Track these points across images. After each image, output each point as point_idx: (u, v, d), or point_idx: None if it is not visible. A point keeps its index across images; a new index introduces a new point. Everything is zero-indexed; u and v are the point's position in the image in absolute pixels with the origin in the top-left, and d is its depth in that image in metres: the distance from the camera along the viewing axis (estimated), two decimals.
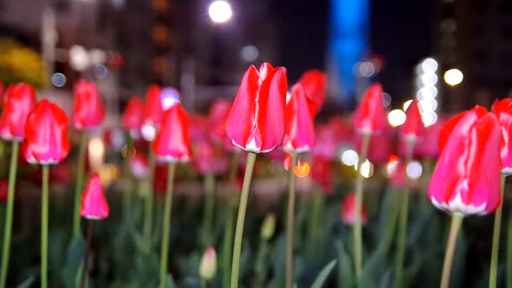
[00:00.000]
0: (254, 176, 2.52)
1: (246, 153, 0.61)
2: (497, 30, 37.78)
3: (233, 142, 0.60)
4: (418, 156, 2.08)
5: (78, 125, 1.25)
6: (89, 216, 0.87)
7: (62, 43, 19.19)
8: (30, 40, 17.15)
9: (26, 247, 1.72)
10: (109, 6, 26.26)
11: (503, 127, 0.68)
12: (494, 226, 0.73)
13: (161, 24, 32.90)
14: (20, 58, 12.03)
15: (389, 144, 2.28)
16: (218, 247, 1.63)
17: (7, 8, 20.59)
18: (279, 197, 2.53)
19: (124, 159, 3.03)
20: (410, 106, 1.36)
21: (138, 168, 2.00)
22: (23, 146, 0.86)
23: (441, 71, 44.99)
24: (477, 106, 0.51)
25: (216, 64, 40.48)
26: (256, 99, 0.58)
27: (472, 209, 0.50)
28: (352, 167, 4.83)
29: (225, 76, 39.71)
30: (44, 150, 0.84)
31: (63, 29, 20.22)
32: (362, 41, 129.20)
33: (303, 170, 2.36)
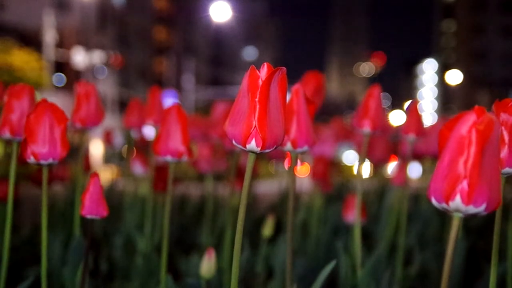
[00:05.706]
0: (254, 176, 2.52)
1: (246, 153, 0.61)
2: (497, 30, 37.80)
3: (234, 142, 0.60)
4: (418, 156, 2.08)
5: (78, 125, 1.25)
6: (89, 216, 0.87)
7: (63, 43, 19.19)
8: (31, 40, 17.15)
9: (26, 247, 1.72)
10: (109, 6, 26.24)
11: (503, 127, 0.68)
12: (494, 226, 0.73)
13: (161, 24, 32.90)
14: (20, 58, 12.04)
15: (389, 144, 2.28)
16: (218, 247, 1.63)
17: (7, 8, 20.59)
18: (279, 197, 2.53)
19: (124, 159, 3.03)
20: (410, 106, 1.36)
21: (138, 168, 2.00)
22: (23, 146, 0.86)
23: (441, 71, 45.01)
24: (476, 106, 0.51)
25: (216, 64, 40.48)
26: (257, 99, 0.58)
27: (472, 209, 0.50)
28: (352, 167, 4.84)
29: (225, 76, 39.71)
30: (44, 150, 0.84)
31: (63, 29, 20.22)
32: (363, 41, 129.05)
33: (303, 170, 2.36)
